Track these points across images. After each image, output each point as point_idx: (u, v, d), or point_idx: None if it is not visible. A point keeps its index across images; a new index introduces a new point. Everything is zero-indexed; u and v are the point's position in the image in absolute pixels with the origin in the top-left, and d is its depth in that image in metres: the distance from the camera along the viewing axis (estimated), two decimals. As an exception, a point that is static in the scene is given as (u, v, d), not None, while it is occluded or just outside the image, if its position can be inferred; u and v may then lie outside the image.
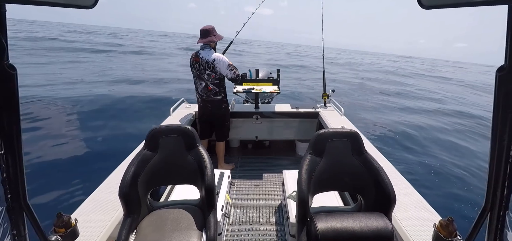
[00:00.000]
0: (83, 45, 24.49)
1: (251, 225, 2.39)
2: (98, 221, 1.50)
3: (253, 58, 23.20)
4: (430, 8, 0.74)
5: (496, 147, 0.70)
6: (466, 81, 25.06)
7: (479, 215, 0.76)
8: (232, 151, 3.79)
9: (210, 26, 2.83)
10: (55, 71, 11.40)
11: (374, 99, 9.44)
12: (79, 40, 31.05)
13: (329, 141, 1.61)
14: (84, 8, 0.77)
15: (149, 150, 1.65)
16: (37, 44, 22.51)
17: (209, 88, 2.87)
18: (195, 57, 2.86)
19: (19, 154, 0.75)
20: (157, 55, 23.22)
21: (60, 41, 26.55)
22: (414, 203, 1.69)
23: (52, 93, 8.04)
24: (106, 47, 24.71)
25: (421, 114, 7.96)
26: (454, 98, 12.19)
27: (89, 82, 9.90)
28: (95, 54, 19.64)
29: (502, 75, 0.67)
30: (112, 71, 12.74)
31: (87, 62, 15.57)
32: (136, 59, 18.76)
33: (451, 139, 5.81)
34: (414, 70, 32.43)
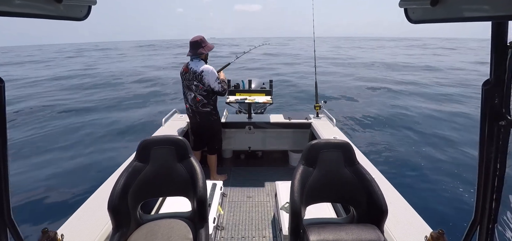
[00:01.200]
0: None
1: (243, 237, 2.36)
2: (85, 236, 1.45)
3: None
4: (417, 22, 0.77)
5: (483, 160, 0.71)
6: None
7: (469, 228, 0.77)
8: (224, 162, 3.77)
9: (199, 37, 2.83)
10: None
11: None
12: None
13: (321, 152, 1.62)
14: (76, 20, 0.77)
15: (140, 161, 1.62)
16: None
17: (197, 99, 2.86)
18: (185, 67, 2.87)
19: (5, 168, 0.72)
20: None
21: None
22: (406, 215, 1.70)
23: (38, 103, 7.92)
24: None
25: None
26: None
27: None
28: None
29: (487, 88, 0.69)
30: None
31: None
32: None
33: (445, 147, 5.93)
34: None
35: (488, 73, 0.69)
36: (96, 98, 9.71)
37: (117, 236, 1.42)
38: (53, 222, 2.58)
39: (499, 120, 0.68)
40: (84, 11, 0.77)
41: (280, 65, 21.10)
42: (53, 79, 14.62)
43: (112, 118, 7.20)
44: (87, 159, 4.84)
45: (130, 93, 10.93)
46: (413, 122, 7.63)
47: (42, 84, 12.94)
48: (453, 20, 0.67)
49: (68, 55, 37.15)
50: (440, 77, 15.35)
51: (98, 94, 10.49)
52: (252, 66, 19.06)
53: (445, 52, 37.91)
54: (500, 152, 0.69)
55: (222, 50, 38.69)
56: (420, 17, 0.75)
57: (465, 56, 30.49)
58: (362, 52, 38.84)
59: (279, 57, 26.85)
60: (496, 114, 0.69)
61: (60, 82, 13.08)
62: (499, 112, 0.68)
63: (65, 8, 0.73)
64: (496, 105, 0.69)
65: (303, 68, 18.58)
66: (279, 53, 30.12)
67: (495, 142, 0.69)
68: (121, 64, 18.56)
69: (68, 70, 20.41)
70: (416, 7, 0.76)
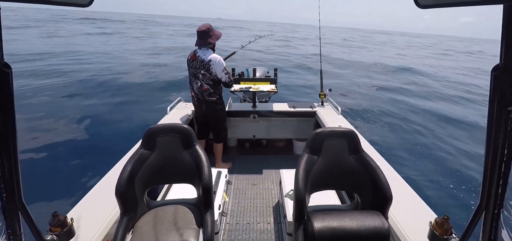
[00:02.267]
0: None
1: (249, 224, 2.40)
2: (94, 220, 1.50)
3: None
4: (426, 7, 0.75)
5: (491, 146, 0.70)
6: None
7: (474, 213, 0.77)
8: (229, 150, 3.79)
9: (206, 27, 2.77)
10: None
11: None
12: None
13: (326, 140, 1.62)
14: (80, 6, 0.77)
15: (146, 149, 1.65)
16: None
17: (203, 88, 2.85)
18: (192, 55, 2.84)
19: (14, 153, 0.74)
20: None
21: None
22: (410, 201, 1.71)
23: (47, 84, 8.01)
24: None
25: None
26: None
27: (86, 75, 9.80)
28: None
29: (497, 74, 0.68)
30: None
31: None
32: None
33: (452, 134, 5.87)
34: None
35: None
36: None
37: (125, 221, 1.45)
38: (63, 206, 2.66)
39: (507, 106, 0.67)
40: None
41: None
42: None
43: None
44: (96, 144, 4.93)
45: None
46: (418, 110, 7.55)
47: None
48: (463, 3, 0.65)
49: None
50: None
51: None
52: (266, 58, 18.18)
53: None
54: (508, 138, 0.68)
55: (230, 32, 38.29)
56: (429, 1, 0.73)
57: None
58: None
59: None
60: (504, 99, 0.67)
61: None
62: (508, 98, 0.67)
63: None
64: (505, 90, 0.67)
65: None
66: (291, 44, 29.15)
67: (503, 127, 0.68)
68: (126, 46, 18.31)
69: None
70: None
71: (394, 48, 34.42)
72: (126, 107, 7.06)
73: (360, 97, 8.90)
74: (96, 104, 7.11)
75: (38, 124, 5.62)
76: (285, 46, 26.36)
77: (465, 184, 4.15)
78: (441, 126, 6.58)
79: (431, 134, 6.05)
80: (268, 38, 4.96)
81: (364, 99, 8.65)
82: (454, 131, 6.30)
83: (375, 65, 17.38)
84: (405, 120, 6.86)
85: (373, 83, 11.36)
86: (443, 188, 4.07)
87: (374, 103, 8.16)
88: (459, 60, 25.72)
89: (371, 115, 7.19)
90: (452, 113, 7.48)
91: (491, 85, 0.69)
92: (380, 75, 13.61)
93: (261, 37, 3.80)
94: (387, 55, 25.62)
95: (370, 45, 38.13)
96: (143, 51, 18.12)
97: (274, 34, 3.78)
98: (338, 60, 18.48)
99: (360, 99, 8.60)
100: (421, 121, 6.85)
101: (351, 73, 13.83)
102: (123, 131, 5.51)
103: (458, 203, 3.72)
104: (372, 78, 12.57)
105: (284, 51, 22.74)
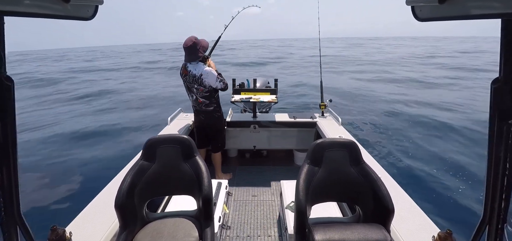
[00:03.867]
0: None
1: (249, 236, 2.36)
2: (93, 234, 1.48)
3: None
4: (424, 20, 0.76)
5: (492, 159, 0.70)
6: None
7: (478, 227, 0.76)
8: (230, 161, 3.78)
9: (191, 41, 2.69)
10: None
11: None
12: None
13: (326, 151, 1.61)
14: (83, 19, 0.78)
15: (146, 160, 1.64)
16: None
17: (199, 101, 2.87)
18: (184, 69, 2.82)
19: (14, 166, 0.74)
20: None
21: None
22: (412, 214, 1.68)
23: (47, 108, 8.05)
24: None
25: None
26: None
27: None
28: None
29: (496, 87, 0.68)
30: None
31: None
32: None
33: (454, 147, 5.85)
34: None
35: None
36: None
37: (124, 234, 1.43)
38: (62, 219, 2.64)
39: (508, 119, 0.67)
40: (91, 10, 0.78)
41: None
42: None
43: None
44: (95, 156, 4.92)
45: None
46: (419, 122, 7.54)
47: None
48: (462, 17, 0.66)
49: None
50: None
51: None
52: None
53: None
54: (509, 151, 0.68)
55: (225, 53, 38.66)
56: (428, 15, 0.74)
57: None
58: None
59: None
60: (505, 112, 0.67)
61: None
62: (508, 111, 0.67)
63: (73, 8, 0.74)
64: (505, 103, 0.67)
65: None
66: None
67: (504, 140, 0.68)
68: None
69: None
70: (423, 5, 0.74)
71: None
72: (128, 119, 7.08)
73: (360, 107, 8.92)
74: (97, 115, 7.14)
75: (36, 133, 5.63)
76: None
77: (469, 198, 4.11)
78: (443, 136, 6.56)
79: (433, 145, 6.03)
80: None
81: (364, 109, 8.66)
82: (456, 141, 6.28)
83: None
84: (407, 131, 6.84)
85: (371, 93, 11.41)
86: (446, 202, 4.02)
87: (374, 114, 8.16)
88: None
89: (371, 126, 7.18)
90: (454, 123, 7.48)
91: (491, 98, 0.69)
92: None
93: (244, 8, 3.66)
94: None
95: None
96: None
97: (258, 6, 3.68)
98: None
99: (361, 110, 8.61)
100: (422, 131, 6.83)
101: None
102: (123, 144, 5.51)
103: (461, 217, 3.67)
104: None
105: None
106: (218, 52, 34.33)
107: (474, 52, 34.16)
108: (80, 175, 4.35)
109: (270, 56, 31.37)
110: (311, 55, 28.39)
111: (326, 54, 28.58)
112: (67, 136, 5.93)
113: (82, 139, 5.90)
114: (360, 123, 7.29)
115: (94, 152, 5.24)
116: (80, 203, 1.74)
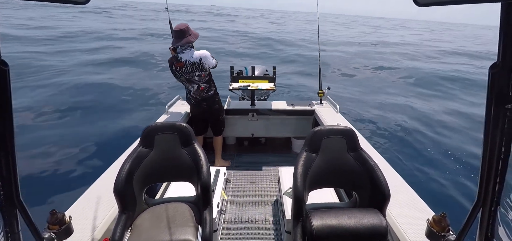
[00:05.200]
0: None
1: (247, 221, 2.40)
2: (92, 218, 1.49)
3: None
4: (424, 5, 0.75)
5: (488, 143, 0.71)
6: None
7: (471, 210, 0.78)
8: (228, 148, 3.80)
9: (183, 25, 2.66)
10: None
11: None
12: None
13: (324, 138, 1.62)
14: (78, 4, 0.77)
15: (144, 147, 1.64)
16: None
17: (201, 88, 2.84)
18: (176, 62, 2.70)
19: (12, 151, 0.74)
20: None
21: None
22: (408, 199, 1.72)
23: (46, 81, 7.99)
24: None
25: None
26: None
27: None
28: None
29: (495, 72, 0.68)
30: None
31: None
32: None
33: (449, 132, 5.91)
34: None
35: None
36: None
37: (123, 219, 1.45)
38: (61, 203, 2.66)
39: (505, 104, 0.67)
40: None
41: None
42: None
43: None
44: (96, 140, 4.92)
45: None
46: (416, 109, 7.58)
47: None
48: (462, 2, 0.65)
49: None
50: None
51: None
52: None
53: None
54: (505, 135, 0.68)
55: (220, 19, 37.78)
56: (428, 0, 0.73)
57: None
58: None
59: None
60: (502, 97, 0.68)
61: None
62: (506, 96, 0.67)
63: None
64: (503, 88, 0.68)
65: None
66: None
67: (501, 125, 0.68)
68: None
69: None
70: None
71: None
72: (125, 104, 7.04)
73: (358, 95, 8.92)
74: (96, 99, 7.10)
75: (35, 120, 5.60)
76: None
77: (463, 181, 4.18)
78: (438, 122, 6.61)
79: (429, 131, 6.08)
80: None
81: (364, 98, 8.67)
82: (452, 127, 6.34)
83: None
84: (403, 118, 6.88)
85: (372, 81, 11.40)
86: (441, 186, 4.09)
87: (373, 103, 8.17)
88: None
89: (369, 113, 7.21)
90: (449, 109, 7.52)
91: (489, 82, 0.70)
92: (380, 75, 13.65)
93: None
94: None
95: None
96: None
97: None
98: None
99: (359, 98, 8.61)
100: (419, 118, 6.88)
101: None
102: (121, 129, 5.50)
103: (456, 200, 3.74)
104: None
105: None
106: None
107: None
108: (83, 153, 4.38)
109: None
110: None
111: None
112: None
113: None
114: (359, 110, 7.31)
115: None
116: (80, 188, 1.75)
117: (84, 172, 3.92)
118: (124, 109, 6.67)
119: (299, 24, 43.65)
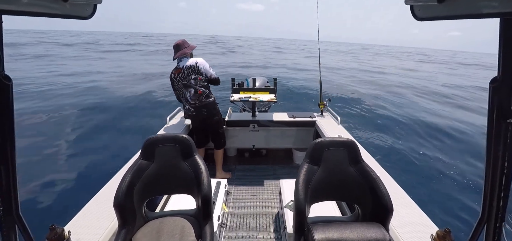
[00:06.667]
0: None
1: (248, 235, 2.37)
2: (92, 233, 1.47)
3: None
4: (423, 20, 0.76)
5: (491, 158, 0.70)
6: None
7: (476, 226, 0.76)
8: (229, 160, 3.78)
9: (180, 41, 2.90)
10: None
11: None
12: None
13: (326, 150, 1.61)
14: (82, 18, 0.78)
15: (145, 159, 1.64)
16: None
17: (199, 92, 2.87)
18: (175, 70, 2.89)
19: (13, 165, 0.74)
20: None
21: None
22: (411, 213, 1.69)
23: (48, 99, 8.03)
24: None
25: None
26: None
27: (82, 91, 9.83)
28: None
29: (495, 86, 0.68)
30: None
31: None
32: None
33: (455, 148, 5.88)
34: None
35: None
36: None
37: (123, 233, 1.43)
38: (61, 218, 2.63)
39: (507, 118, 0.67)
40: (90, 10, 0.78)
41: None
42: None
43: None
44: (94, 156, 4.91)
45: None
46: (419, 121, 7.56)
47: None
48: (461, 17, 0.66)
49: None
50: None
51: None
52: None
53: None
54: (508, 150, 0.68)
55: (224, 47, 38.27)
56: (427, 14, 0.74)
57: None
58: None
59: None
60: (503, 111, 0.68)
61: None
62: (507, 110, 0.67)
63: (71, 7, 0.74)
64: (503, 102, 0.67)
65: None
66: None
67: (503, 140, 0.68)
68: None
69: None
70: (422, 4, 0.74)
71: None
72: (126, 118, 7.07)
73: (359, 106, 8.93)
74: (97, 114, 7.12)
75: (35, 132, 5.61)
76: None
77: (467, 196, 4.12)
78: (442, 136, 6.58)
79: (431, 145, 6.04)
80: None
81: (364, 109, 8.67)
82: (455, 141, 6.30)
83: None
84: (406, 131, 6.86)
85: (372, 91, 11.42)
86: (445, 200, 4.03)
87: (373, 112, 8.17)
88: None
89: (371, 124, 7.19)
90: (454, 124, 7.50)
91: (489, 97, 0.70)
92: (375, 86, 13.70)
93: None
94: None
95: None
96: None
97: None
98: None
99: (360, 109, 8.62)
100: (422, 131, 6.85)
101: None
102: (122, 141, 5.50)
103: (460, 215, 3.68)
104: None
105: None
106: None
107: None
108: (81, 171, 4.36)
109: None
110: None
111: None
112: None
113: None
114: (360, 123, 7.30)
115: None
116: (79, 202, 1.74)
117: (85, 184, 3.90)
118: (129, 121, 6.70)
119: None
